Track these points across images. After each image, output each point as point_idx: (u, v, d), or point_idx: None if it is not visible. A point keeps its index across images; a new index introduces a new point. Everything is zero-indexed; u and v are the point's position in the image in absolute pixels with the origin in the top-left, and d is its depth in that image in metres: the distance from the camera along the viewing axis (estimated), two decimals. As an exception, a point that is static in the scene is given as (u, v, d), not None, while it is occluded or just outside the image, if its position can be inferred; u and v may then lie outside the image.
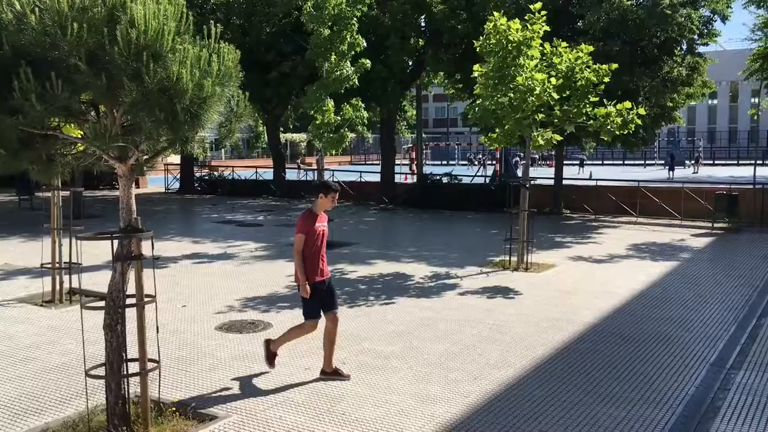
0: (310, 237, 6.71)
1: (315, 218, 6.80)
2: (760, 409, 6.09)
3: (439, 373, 7.08)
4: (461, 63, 19.70)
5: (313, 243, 6.73)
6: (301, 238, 6.67)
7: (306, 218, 6.78)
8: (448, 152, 70.44)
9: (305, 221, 6.74)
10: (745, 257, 13.91)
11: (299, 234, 6.69)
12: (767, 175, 34.23)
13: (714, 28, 19.60)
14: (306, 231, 6.69)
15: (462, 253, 14.48)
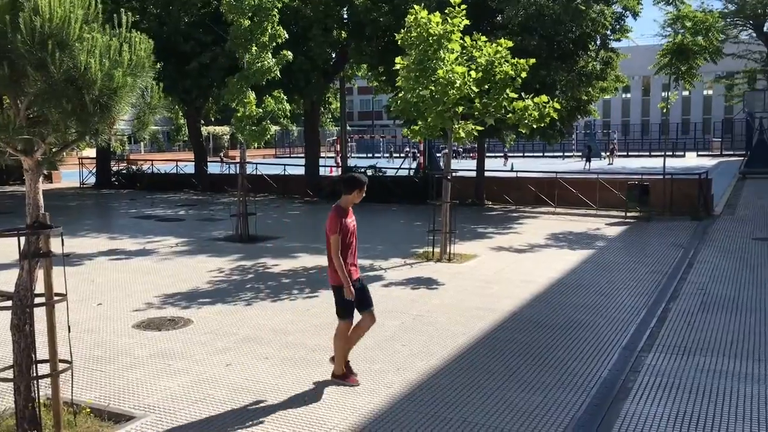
0: (343, 235, 6.36)
1: (346, 214, 6.45)
2: (667, 390, 6.38)
3: (362, 364, 7.10)
4: (384, 55, 19.75)
5: (347, 241, 6.42)
6: (336, 239, 6.29)
7: (337, 216, 6.35)
8: (373, 145, 70.66)
9: (337, 219, 6.33)
10: (656, 245, 14.54)
11: (333, 235, 6.29)
12: (677, 165, 35.95)
13: (626, 24, 20.37)
14: (340, 230, 6.31)
15: (386, 245, 14.56)
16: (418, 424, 5.65)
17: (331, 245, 6.33)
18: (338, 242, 6.29)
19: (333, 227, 6.31)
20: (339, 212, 6.40)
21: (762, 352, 7.37)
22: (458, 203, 17.78)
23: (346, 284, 6.31)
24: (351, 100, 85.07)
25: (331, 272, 6.48)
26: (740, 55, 44.05)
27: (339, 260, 6.28)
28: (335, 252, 6.30)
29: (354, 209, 6.69)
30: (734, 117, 61.98)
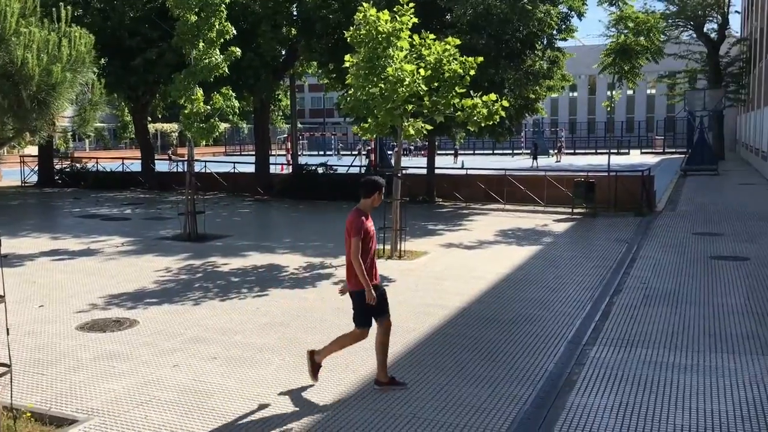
0: (365, 239, 6.21)
1: (366, 218, 6.30)
2: (610, 382, 6.54)
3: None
4: (334, 53, 19.69)
5: (368, 245, 6.27)
6: (358, 242, 6.12)
7: (358, 219, 6.20)
8: (325, 142, 70.45)
9: (358, 222, 6.16)
10: (601, 240, 14.87)
11: (355, 237, 6.13)
12: (621, 163, 36.87)
13: (571, 24, 20.76)
14: (361, 233, 6.16)
15: (337, 243, 14.51)
16: (368, 422, 5.66)
17: (352, 248, 6.15)
18: (359, 246, 6.13)
19: (356, 230, 6.14)
20: (361, 215, 6.26)
21: (700, 344, 7.61)
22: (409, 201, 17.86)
23: (367, 287, 6.15)
24: (302, 97, 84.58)
25: (350, 276, 6.32)
26: (681, 55, 45.30)
27: (360, 263, 6.11)
28: (355, 255, 6.13)
29: (303, 207, 6.66)
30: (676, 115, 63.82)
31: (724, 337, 7.80)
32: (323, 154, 61.71)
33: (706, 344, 7.59)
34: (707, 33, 44.60)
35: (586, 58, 42.45)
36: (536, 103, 21.25)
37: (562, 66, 21.24)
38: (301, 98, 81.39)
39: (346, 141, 71.38)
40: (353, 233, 6.15)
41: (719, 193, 24.04)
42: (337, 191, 23.05)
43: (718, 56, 44.27)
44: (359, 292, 6.24)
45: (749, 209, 19.12)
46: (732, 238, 14.44)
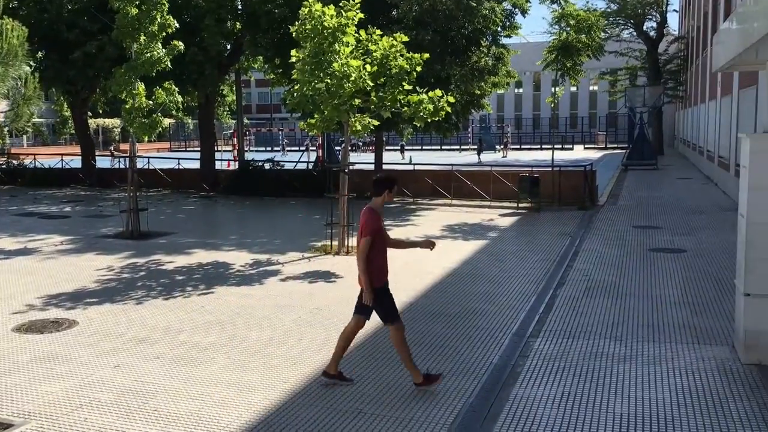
0: (378, 238, 6.12)
1: (379, 216, 6.21)
2: (553, 373, 6.67)
3: (258, 360, 7.03)
4: (280, 48, 19.49)
5: (381, 243, 6.18)
6: (369, 241, 6.03)
7: (372, 218, 6.10)
8: (272, 138, 69.80)
9: (372, 222, 6.07)
10: (545, 234, 15.14)
11: (367, 237, 6.03)
12: (566, 158, 37.56)
13: (515, 21, 21.04)
14: (375, 232, 6.07)
15: (284, 240, 14.44)
16: (314, 418, 5.64)
17: (360, 248, 6.07)
18: (368, 245, 6.04)
19: (370, 229, 6.05)
20: (375, 214, 6.16)
21: (638, 334, 7.83)
22: (357, 196, 17.85)
23: (367, 288, 6.09)
24: (249, 92, 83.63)
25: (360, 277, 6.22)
26: (622, 52, 46.42)
27: (365, 264, 6.04)
28: (362, 254, 6.06)
29: (249, 204, 6.59)
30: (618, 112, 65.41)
31: (662, 327, 8.04)
32: (270, 149, 61.13)
33: (644, 334, 7.80)
34: (647, 31, 45.82)
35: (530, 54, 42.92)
36: (482, 99, 21.47)
37: (507, 62, 21.52)
38: (247, 93, 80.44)
39: (294, 137, 70.84)
40: (365, 233, 6.05)
41: (658, 187, 24.74)
42: (284, 187, 22.91)
43: (657, 54, 45.53)
44: (378, 288, 6.15)
45: (686, 203, 19.73)
46: (670, 231, 14.88)
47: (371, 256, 6.09)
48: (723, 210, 17.74)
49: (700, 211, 17.85)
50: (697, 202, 20.00)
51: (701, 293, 9.57)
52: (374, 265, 6.11)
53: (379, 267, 6.17)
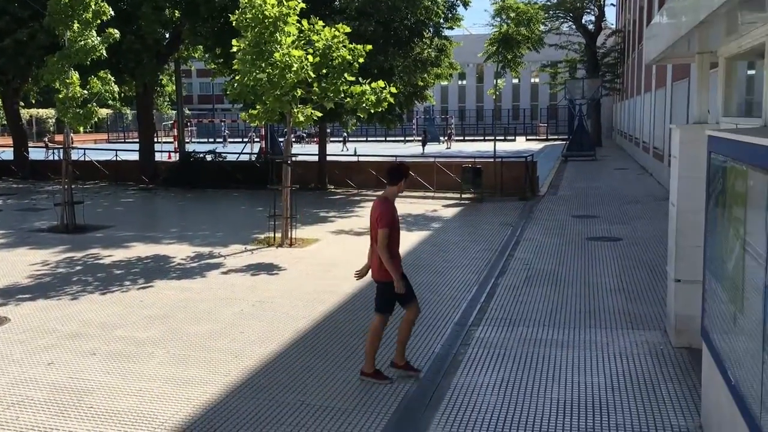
0: (394, 229, 6.05)
1: (394, 207, 6.14)
2: (493, 361, 6.79)
3: (199, 354, 6.94)
4: (220, 37, 19.14)
5: (396, 234, 6.11)
6: (386, 232, 5.94)
7: (388, 208, 6.03)
8: (214, 129, 68.70)
9: (389, 212, 6.00)
10: (487, 224, 15.34)
11: (385, 228, 5.94)
12: (508, 149, 38.12)
13: (457, 13, 21.18)
14: (392, 223, 5.99)
15: (226, 232, 14.26)
16: (255, 411, 5.60)
17: (381, 238, 5.97)
18: (387, 236, 5.97)
19: (387, 220, 5.98)
20: (390, 204, 6.10)
21: (576, 321, 8.02)
22: (301, 188, 17.79)
23: (397, 278, 6.01)
24: (190, 82, 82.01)
25: (377, 267, 6.14)
26: (561, 45, 47.26)
27: (388, 254, 5.97)
28: (384, 246, 5.96)
29: (190, 196, 6.47)
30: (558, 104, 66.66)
31: (598, 314, 8.26)
32: (213, 141, 60.17)
33: (581, 321, 8.00)
34: (585, 24, 46.78)
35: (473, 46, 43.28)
36: (425, 91, 21.57)
37: (449, 54, 21.64)
38: (188, 83, 78.90)
39: (237, 128, 69.87)
40: (383, 223, 5.97)
41: (596, 178, 25.36)
42: (226, 179, 22.60)
43: (596, 47, 46.54)
44: (387, 282, 6.10)
45: (623, 193, 20.28)
46: (607, 220, 15.28)
47: (391, 247, 6.05)
48: (657, 199, 18.29)
49: (636, 201, 18.38)
50: (633, 192, 20.58)
51: (636, 280, 9.87)
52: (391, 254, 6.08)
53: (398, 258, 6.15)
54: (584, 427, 5.27)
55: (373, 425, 5.36)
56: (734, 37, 5.39)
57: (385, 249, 5.97)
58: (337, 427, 5.33)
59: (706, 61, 6.70)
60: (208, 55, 23.10)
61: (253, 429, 5.29)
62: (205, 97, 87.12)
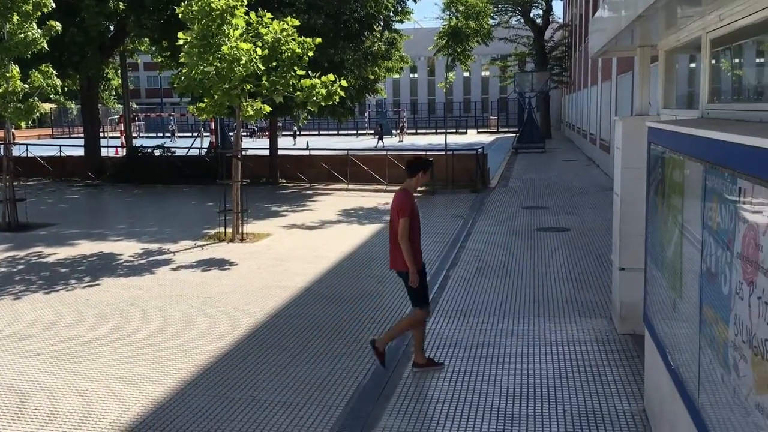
0: (414, 219, 6.05)
1: (413, 198, 6.14)
2: (445, 351, 6.86)
3: (147, 352, 6.83)
4: (167, 29, 18.80)
5: (416, 225, 6.12)
6: (407, 222, 5.94)
7: (408, 199, 6.04)
8: (163, 123, 67.48)
9: (409, 203, 6.01)
10: (439, 216, 15.46)
11: (405, 217, 5.95)
12: (460, 142, 38.45)
13: (407, 6, 21.28)
14: (411, 213, 5.99)
15: (176, 228, 14.04)
16: (205, 408, 5.55)
17: (401, 229, 5.98)
18: (408, 226, 5.97)
19: (406, 209, 5.99)
20: (409, 195, 6.11)
21: (525, 310, 8.16)
22: (252, 183, 17.60)
23: (412, 269, 6.03)
24: (137, 76, 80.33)
25: (397, 258, 6.14)
26: (511, 39, 47.87)
27: (408, 244, 5.98)
28: (404, 236, 5.98)
29: (138, 192, 6.35)
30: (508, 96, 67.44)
31: (547, 303, 8.41)
32: (162, 135, 59.10)
33: (531, 310, 8.14)
34: (533, 18, 47.44)
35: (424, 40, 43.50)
36: (376, 84, 21.59)
37: (400, 47, 21.71)
38: (135, 77, 77.25)
39: (187, 122, 68.75)
40: (403, 213, 5.99)
41: (545, 169, 25.78)
42: (175, 174, 22.23)
43: (544, 41, 47.26)
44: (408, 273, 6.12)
45: (571, 184, 20.66)
46: (555, 211, 15.56)
47: (411, 238, 6.07)
48: (604, 190, 18.69)
49: (584, 192, 18.75)
50: (581, 183, 20.98)
51: (583, 269, 10.08)
52: (412, 246, 6.09)
53: (416, 249, 6.16)
54: (533, 413, 5.37)
55: (326, 418, 5.37)
56: (673, 31, 5.54)
57: (406, 239, 6.01)
58: (289, 421, 5.32)
59: (646, 54, 6.87)
60: (155, 48, 22.70)
61: (204, 426, 5.25)
62: (153, 90, 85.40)
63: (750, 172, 2.55)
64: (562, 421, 5.23)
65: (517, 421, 5.26)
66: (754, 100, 4.08)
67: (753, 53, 4.24)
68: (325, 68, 15.69)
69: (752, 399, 2.56)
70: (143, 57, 36.77)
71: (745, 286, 2.63)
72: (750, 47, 4.23)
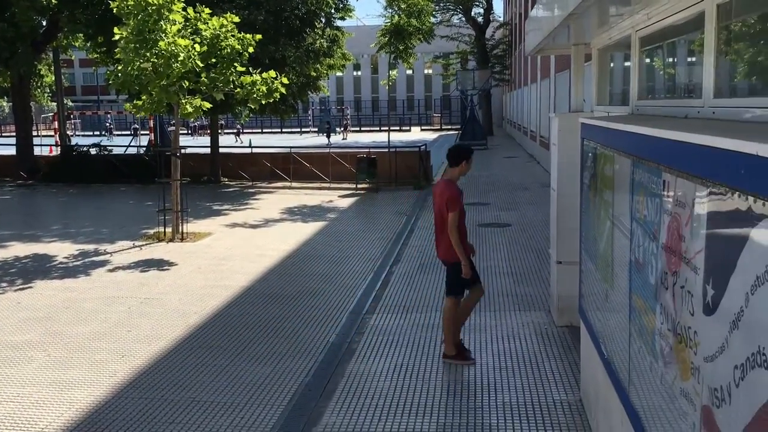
0: (461, 211, 6.06)
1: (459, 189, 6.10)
2: (388, 347, 6.88)
3: (82, 356, 6.64)
4: (102, 24, 18.31)
5: (463, 216, 6.13)
6: (457, 215, 5.95)
7: (455, 191, 6.02)
8: (100, 121, 65.68)
9: (456, 195, 5.97)
10: (383, 213, 15.51)
11: (455, 210, 5.93)
12: (404, 139, 38.61)
13: (349, 4, 21.21)
14: (460, 206, 5.97)
15: (114, 228, 13.70)
16: (143, 411, 5.43)
17: (451, 222, 5.99)
18: (457, 219, 5.96)
19: (455, 204, 5.97)
20: (454, 186, 6.08)
21: (468, 304, 8.25)
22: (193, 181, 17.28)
23: (465, 262, 6.03)
24: (72, 73, 77.99)
25: (445, 249, 6.16)
26: (453, 37, 48.27)
27: (458, 237, 5.98)
28: (453, 228, 5.97)
29: (74, 191, 6.16)
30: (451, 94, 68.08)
31: (488, 297, 8.51)
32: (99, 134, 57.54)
33: (472, 304, 8.23)
34: (474, 17, 47.96)
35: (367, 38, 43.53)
36: (318, 81, 21.49)
37: (342, 45, 21.64)
38: (70, 74, 75.01)
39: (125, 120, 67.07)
40: (452, 207, 5.98)
41: (487, 166, 26.11)
42: (113, 173, 21.68)
43: (485, 39, 47.84)
44: (455, 263, 6.13)
45: (512, 180, 21.01)
46: (497, 207, 15.78)
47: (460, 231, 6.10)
48: (544, 186, 19.04)
49: (524, 188, 19.08)
50: (522, 179, 21.35)
51: (523, 264, 10.26)
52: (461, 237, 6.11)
53: (464, 240, 6.19)
54: (473, 406, 5.44)
55: (266, 417, 5.32)
56: (605, 29, 5.69)
57: (456, 232, 6.02)
58: (230, 422, 5.25)
59: (580, 52, 7.03)
60: (90, 44, 22.05)
61: (141, 429, 5.13)
62: (90, 88, 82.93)
63: (673, 165, 2.63)
64: (502, 413, 5.31)
65: (458, 414, 5.32)
66: (681, 97, 4.22)
67: (679, 51, 4.38)
68: (266, 65, 15.55)
69: (677, 385, 2.65)
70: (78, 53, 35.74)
71: (669, 276, 2.72)
72: (676, 45, 4.37)
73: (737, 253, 2.00)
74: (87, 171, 21.74)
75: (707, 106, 3.35)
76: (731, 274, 2.05)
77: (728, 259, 2.07)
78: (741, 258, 1.98)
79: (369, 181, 19.60)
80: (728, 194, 2.06)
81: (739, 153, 1.92)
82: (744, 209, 1.95)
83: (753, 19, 3.23)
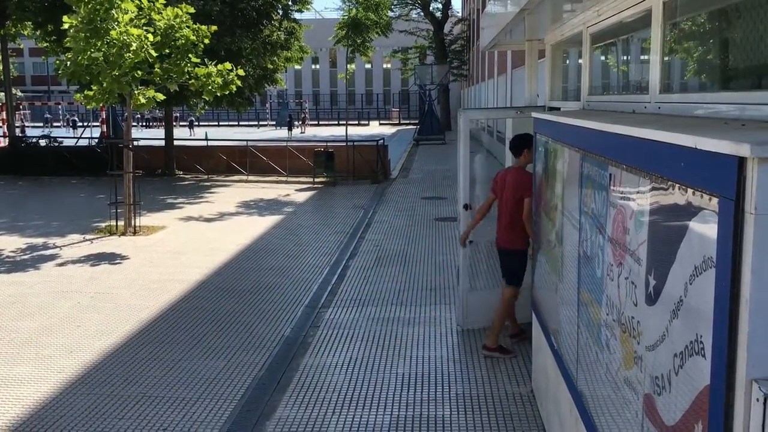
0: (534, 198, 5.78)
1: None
2: (343, 340, 6.88)
3: (29, 351, 6.48)
4: (52, 12, 17.83)
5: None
6: (531, 202, 5.73)
7: (528, 177, 5.81)
8: (51, 112, 64.03)
9: (530, 182, 5.68)
10: (340, 207, 15.48)
11: (530, 198, 5.76)
12: (362, 134, 38.57)
13: (306, -5, 21.09)
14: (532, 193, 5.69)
15: (64, 221, 13.38)
16: (92, 407, 5.32)
17: (527, 208, 5.88)
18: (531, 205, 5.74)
19: (530, 190, 5.73)
20: (528, 174, 5.88)
21: (422, 298, 8.30)
22: (147, 174, 17.02)
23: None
24: (21, 62, 75.85)
25: (513, 237, 6.16)
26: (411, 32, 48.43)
27: (531, 224, 5.79)
28: (529, 216, 5.83)
29: (22, 184, 5.98)
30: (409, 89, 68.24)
31: (443, 290, 8.59)
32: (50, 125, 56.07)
33: (427, 298, 8.29)
34: (433, 12, 48.13)
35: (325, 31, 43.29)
36: (275, 74, 21.30)
37: (299, 37, 21.50)
38: (19, 63, 72.95)
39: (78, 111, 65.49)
40: (528, 194, 5.81)
41: (445, 161, 26.26)
42: (63, 165, 21.17)
43: (443, 34, 48.05)
44: (514, 251, 6.15)
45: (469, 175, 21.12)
46: (454, 201, 15.84)
47: (519, 219, 6.06)
48: (500, 181, 19.26)
49: (480, 182, 19.21)
50: (479, 173, 21.50)
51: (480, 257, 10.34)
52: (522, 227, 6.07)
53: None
54: (427, 398, 5.48)
55: (219, 412, 5.27)
56: (557, 26, 5.76)
57: (531, 217, 5.85)
58: (181, 417, 5.18)
59: (534, 48, 7.11)
60: (39, 33, 21.45)
61: (90, 425, 5.03)
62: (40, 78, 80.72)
63: (617, 158, 2.68)
64: (455, 404, 5.36)
65: (411, 406, 5.34)
66: (630, 92, 4.30)
67: (628, 48, 4.47)
68: (222, 57, 15.37)
69: (621, 374, 2.71)
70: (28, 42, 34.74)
71: (614, 267, 2.77)
72: (625, 42, 4.45)
73: (677, 245, 2.05)
74: (36, 163, 21.18)
75: (654, 102, 3.42)
76: (671, 264, 2.10)
77: (669, 250, 2.12)
78: (680, 249, 2.03)
79: (326, 175, 19.53)
80: (669, 187, 2.11)
81: (678, 146, 1.97)
82: (683, 203, 2.00)
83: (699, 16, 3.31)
